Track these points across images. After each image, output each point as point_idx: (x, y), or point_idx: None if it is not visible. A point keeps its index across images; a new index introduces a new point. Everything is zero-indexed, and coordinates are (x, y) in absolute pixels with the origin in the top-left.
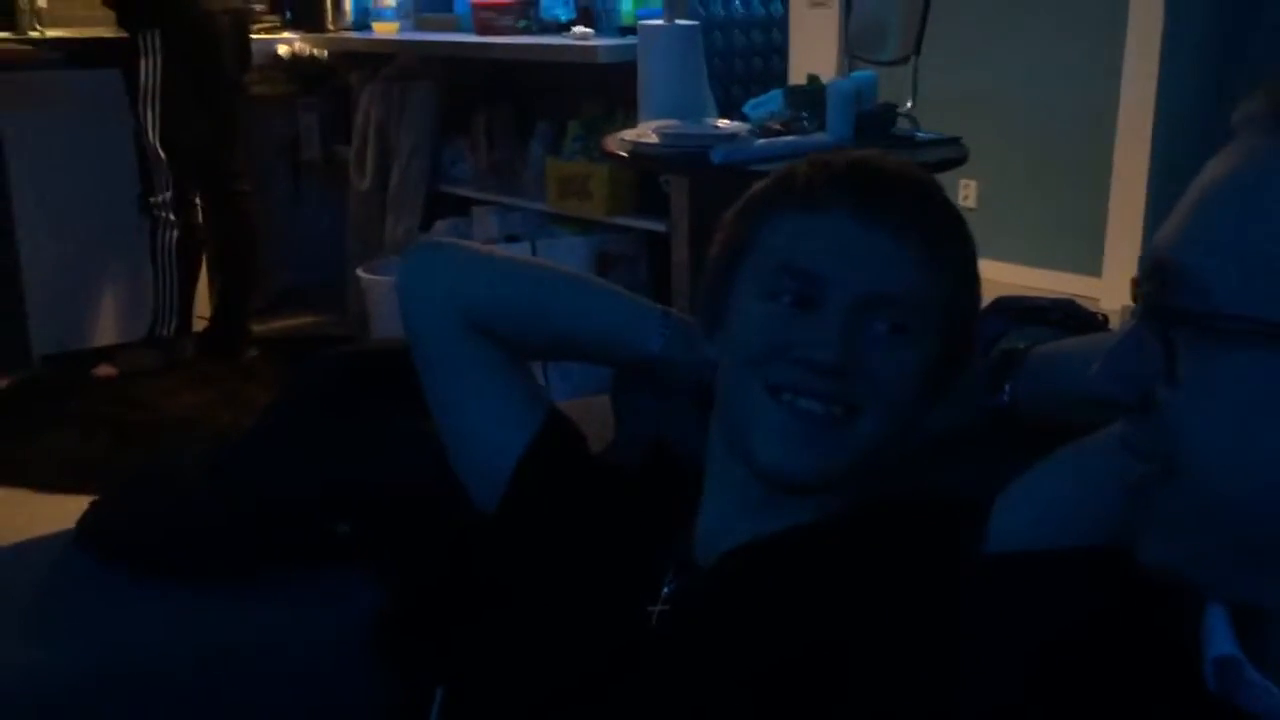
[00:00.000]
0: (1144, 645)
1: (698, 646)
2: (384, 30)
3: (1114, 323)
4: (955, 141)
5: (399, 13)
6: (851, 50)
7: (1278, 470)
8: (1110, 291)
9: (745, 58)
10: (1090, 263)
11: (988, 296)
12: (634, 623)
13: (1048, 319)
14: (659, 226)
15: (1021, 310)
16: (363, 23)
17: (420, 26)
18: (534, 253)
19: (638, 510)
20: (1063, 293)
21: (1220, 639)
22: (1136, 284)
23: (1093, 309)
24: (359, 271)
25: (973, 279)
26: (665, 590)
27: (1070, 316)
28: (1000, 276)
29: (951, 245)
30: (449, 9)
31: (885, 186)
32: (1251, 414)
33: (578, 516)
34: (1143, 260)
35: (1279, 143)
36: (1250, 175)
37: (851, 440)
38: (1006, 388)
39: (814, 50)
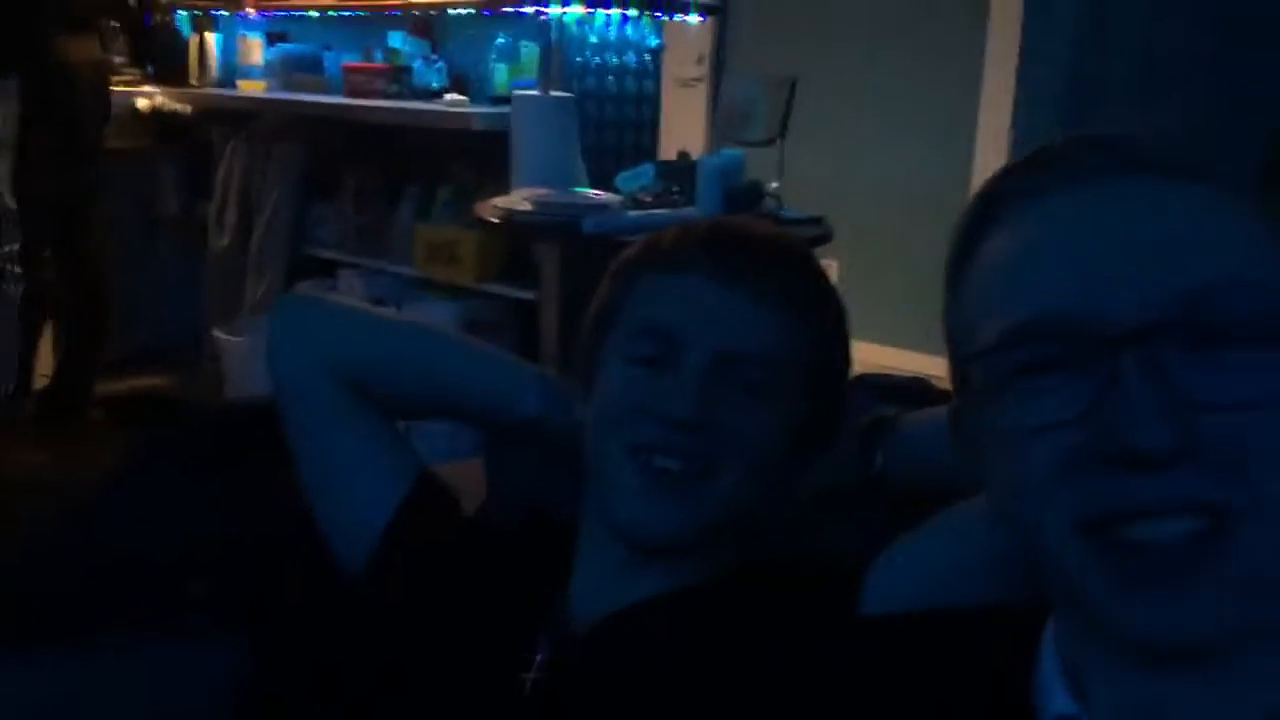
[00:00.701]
0: (1001, 706)
1: (571, 716)
2: (250, 88)
3: None
4: (819, 221)
5: (266, 71)
6: (720, 129)
7: None
8: None
9: (618, 131)
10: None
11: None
12: (507, 691)
13: (907, 397)
14: (528, 295)
15: (881, 388)
16: (228, 80)
17: (288, 86)
18: None
19: (511, 574)
20: (920, 371)
21: (1057, 697)
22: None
23: (946, 388)
24: (216, 332)
25: (839, 341)
26: (539, 658)
27: (929, 395)
28: (861, 355)
29: (814, 307)
30: (318, 70)
31: (744, 247)
32: None
33: (449, 580)
34: (1138, 306)
35: (1183, 180)
36: (1201, 203)
37: (709, 498)
38: (878, 454)
39: (685, 127)
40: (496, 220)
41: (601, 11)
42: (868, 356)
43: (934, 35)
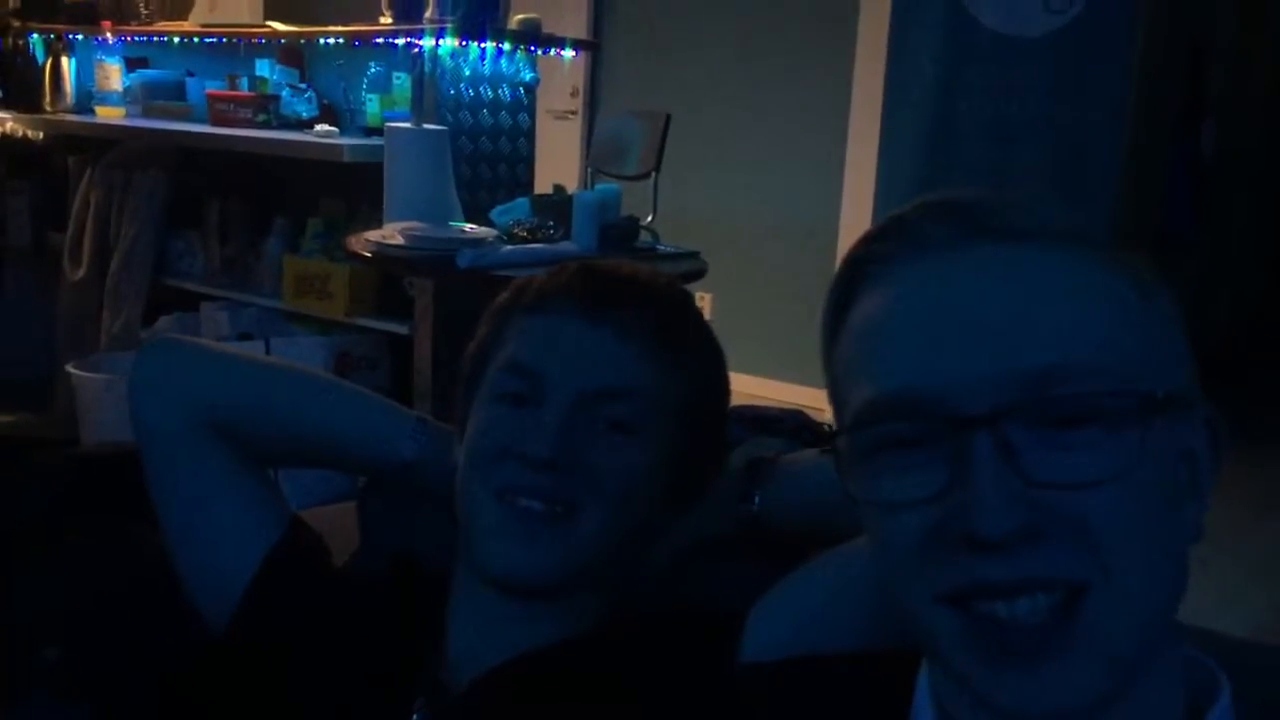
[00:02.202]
0: None
1: None
2: (108, 115)
3: None
4: (694, 255)
5: (126, 98)
6: (594, 164)
7: (1178, 560)
8: None
9: (492, 164)
10: (817, 376)
11: None
12: None
13: (781, 429)
14: (401, 329)
15: (756, 420)
16: (85, 106)
17: (149, 113)
18: (268, 351)
19: (384, 630)
20: (794, 403)
21: None
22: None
23: (821, 420)
24: (70, 368)
25: (713, 381)
26: (415, 717)
27: (802, 428)
28: (737, 387)
29: (685, 345)
30: (181, 97)
31: (612, 287)
32: (1147, 494)
33: (319, 638)
34: (986, 386)
35: (1034, 246)
36: (1042, 273)
37: (575, 538)
38: (756, 496)
39: (559, 160)
40: (368, 254)
41: (475, 44)
42: (742, 388)
43: (803, 74)
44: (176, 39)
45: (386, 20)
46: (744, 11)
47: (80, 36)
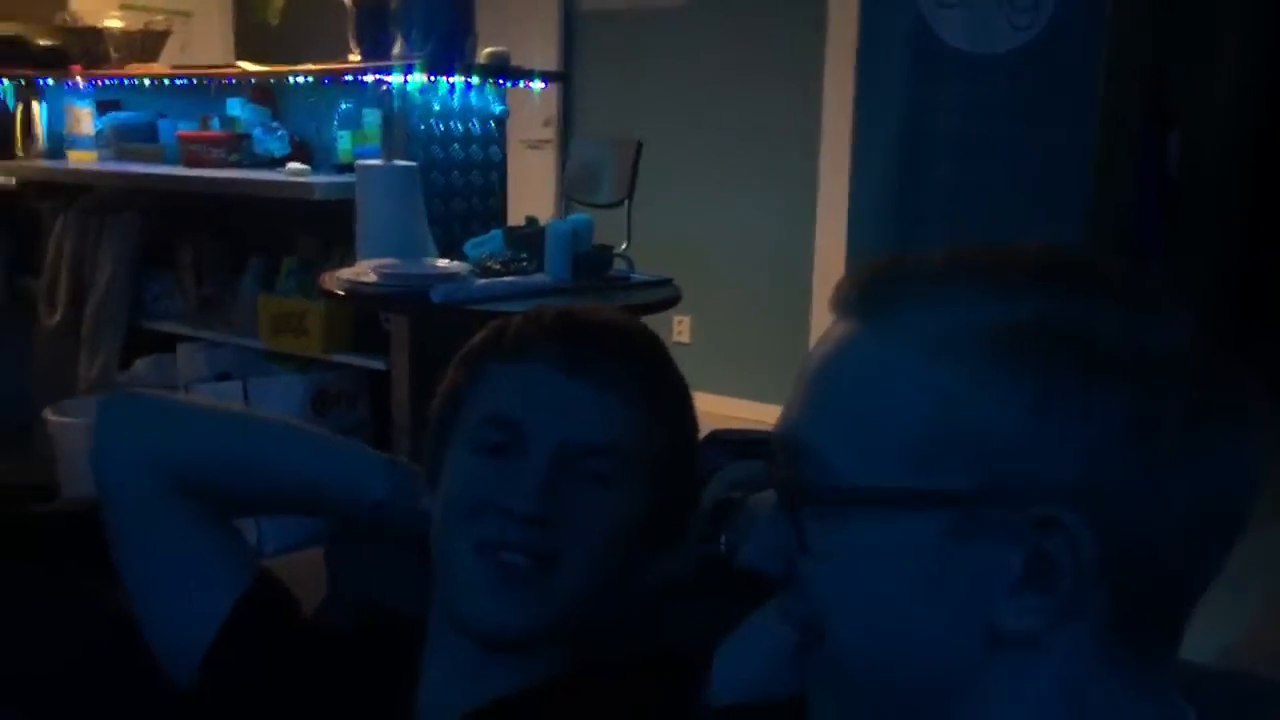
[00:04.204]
0: None
1: None
2: (80, 159)
3: None
4: (668, 283)
5: (97, 141)
6: (568, 192)
7: (908, 632)
8: None
9: (464, 198)
10: None
11: (703, 429)
12: None
13: (763, 451)
14: (379, 365)
15: (738, 444)
16: (57, 151)
17: (121, 156)
18: (246, 391)
19: (354, 681)
20: (771, 424)
21: None
22: (772, 462)
23: None
24: (47, 414)
25: (687, 428)
26: None
27: None
28: (714, 409)
29: (662, 396)
30: (153, 139)
31: (591, 337)
32: (880, 579)
33: (287, 692)
34: (772, 439)
35: (866, 324)
36: (849, 354)
37: (557, 591)
38: (723, 537)
39: (535, 190)
40: (342, 292)
41: (444, 79)
42: (719, 410)
43: (773, 98)
44: (147, 81)
45: (355, 58)
46: (713, 38)
47: (51, 81)
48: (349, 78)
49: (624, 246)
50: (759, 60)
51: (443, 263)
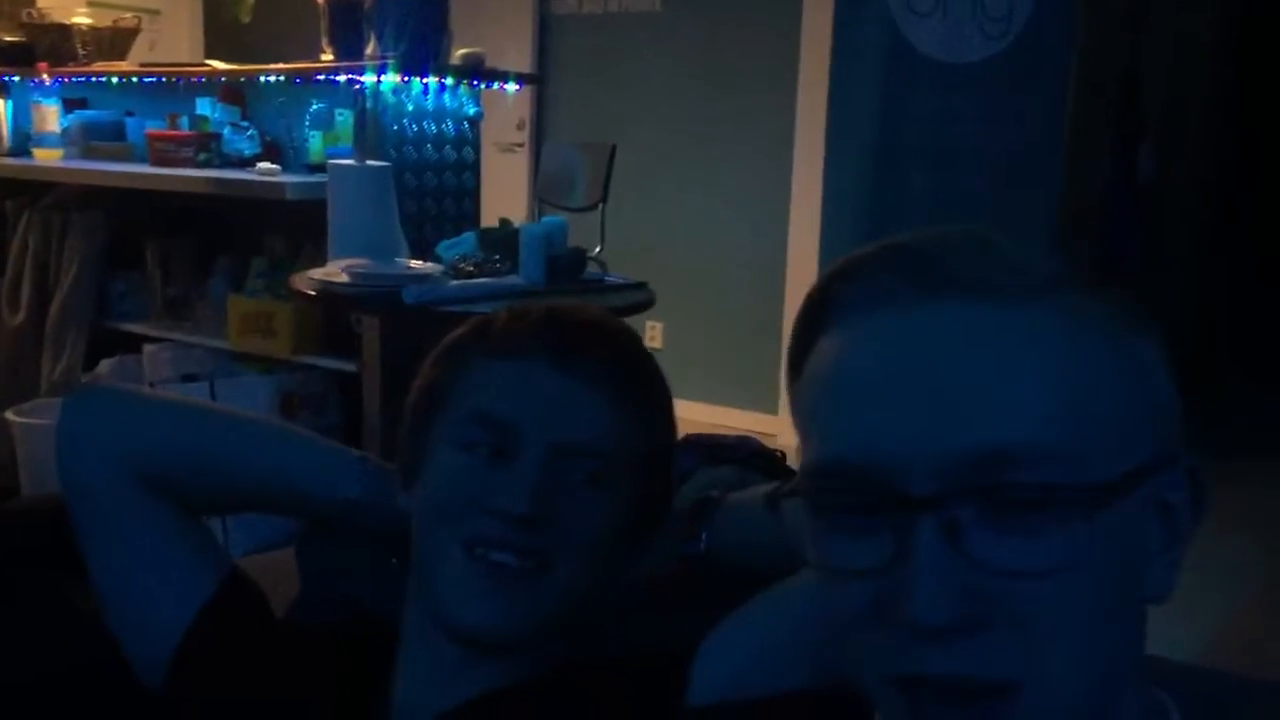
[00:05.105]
0: None
1: None
2: (45, 157)
3: (791, 460)
4: (642, 286)
5: (63, 139)
6: (541, 195)
7: (1129, 627)
8: (786, 428)
9: (437, 199)
10: (767, 401)
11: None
12: None
13: (734, 457)
14: (349, 366)
15: (711, 448)
16: (21, 148)
17: (87, 155)
18: (213, 392)
19: (328, 679)
20: (743, 429)
21: None
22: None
23: (771, 445)
24: (9, 414)
25: (668, 428)
26: None
27: (755, 454)
28: (686, 414)
29: (648, 395)
30: (120, 138)
31: (582, 336)
32: (1108, 583)
33: (258, 691)
34: (932, 466)
35: (1020, 310)
36: (1033, 344)
37: (546, 593)
38: (703, 535)
39: (505, 193)
40: (312, 292)
41: (418, 80)
42: (693, 415)
43: (747, 103)
44: (115, 79)
45: (328, 57)
46: (687, 44)
47: (16, 78)
48: (321, 77)
49: (597, 250)
50: (733, 65)
51: (415, 263)
